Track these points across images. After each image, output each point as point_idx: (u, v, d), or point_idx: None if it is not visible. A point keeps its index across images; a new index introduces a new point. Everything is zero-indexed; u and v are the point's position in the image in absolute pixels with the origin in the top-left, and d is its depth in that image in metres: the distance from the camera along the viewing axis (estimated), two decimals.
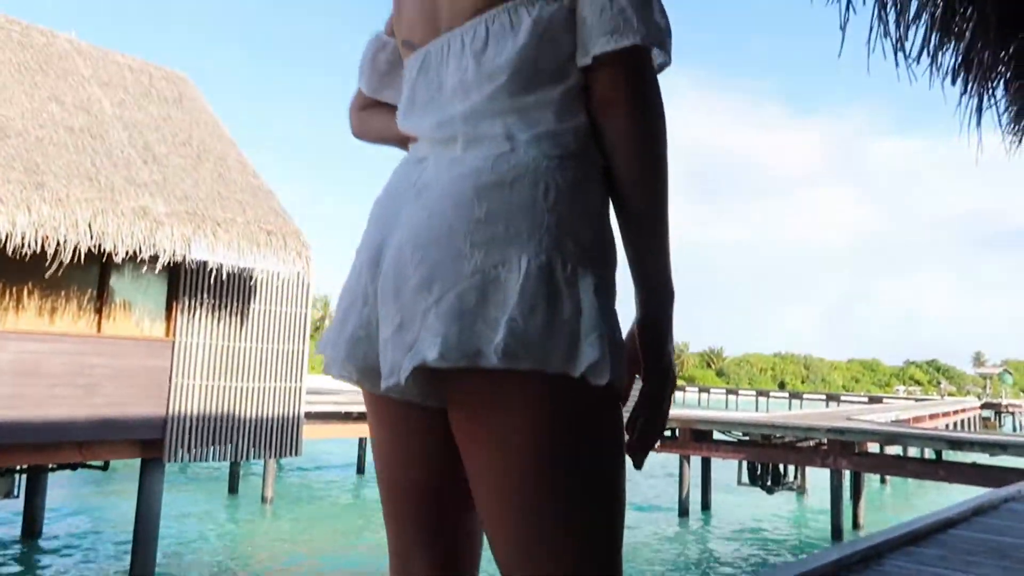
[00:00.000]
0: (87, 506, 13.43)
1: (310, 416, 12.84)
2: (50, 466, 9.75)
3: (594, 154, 0.94)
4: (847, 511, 14.51)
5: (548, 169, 0.91)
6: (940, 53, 2.46)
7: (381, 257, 0.96)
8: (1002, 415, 46.93)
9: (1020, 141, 3.13)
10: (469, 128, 0.95)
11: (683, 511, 15.48)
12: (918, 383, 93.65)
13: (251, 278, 9.46)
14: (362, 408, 17.23)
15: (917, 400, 44.18)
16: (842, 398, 55.97)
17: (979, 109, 2.70)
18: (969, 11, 2.42)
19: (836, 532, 14.09)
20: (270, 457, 10.70)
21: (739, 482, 15.77)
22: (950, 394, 69.85)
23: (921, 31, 2.33)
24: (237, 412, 9.85)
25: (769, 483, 15.48)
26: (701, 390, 69.77)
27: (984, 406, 45.88)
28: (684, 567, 11.95)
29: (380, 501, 1.10)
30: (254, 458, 10.37)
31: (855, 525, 14.91)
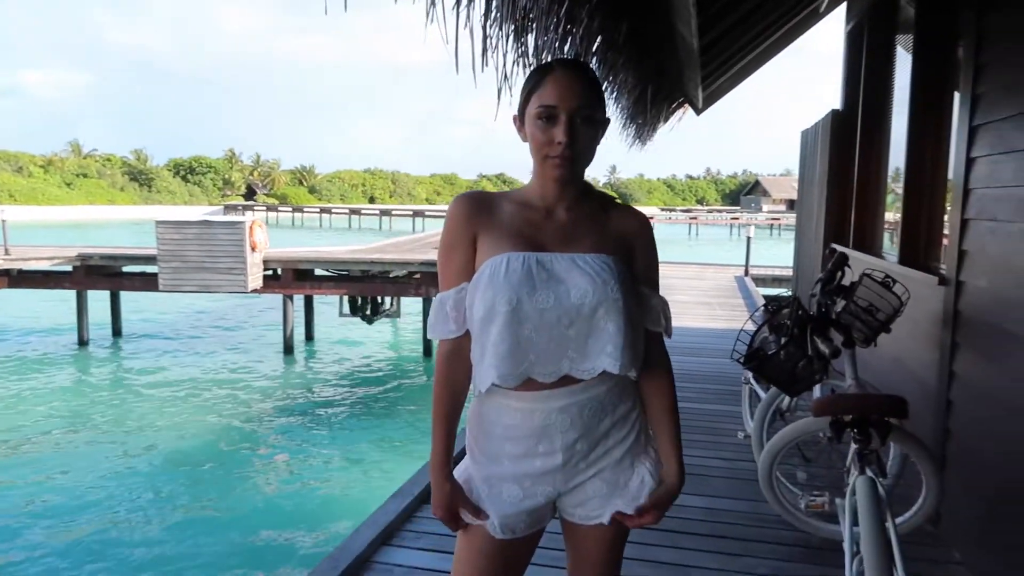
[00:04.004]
0: None
1: None
2: None
3: None
4: None
5: None
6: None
7: None
8: None
9: None
10: None
11: (288, 349, 15.95)
12: None
13: None
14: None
15: None
16: (427, 212, 60.59)
17: None
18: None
19: (427, 350, 15.94)
20: None
21: (340, 314, 16.63)
22: None
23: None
24: None
25: (369, 313, 16.61)
26: (295, 210, 69.34)
27: None
28: (290, 400, 12.55)
29: None
30: None
31: None
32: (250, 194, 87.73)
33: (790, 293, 3.41)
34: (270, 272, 15.24)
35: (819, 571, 2.96)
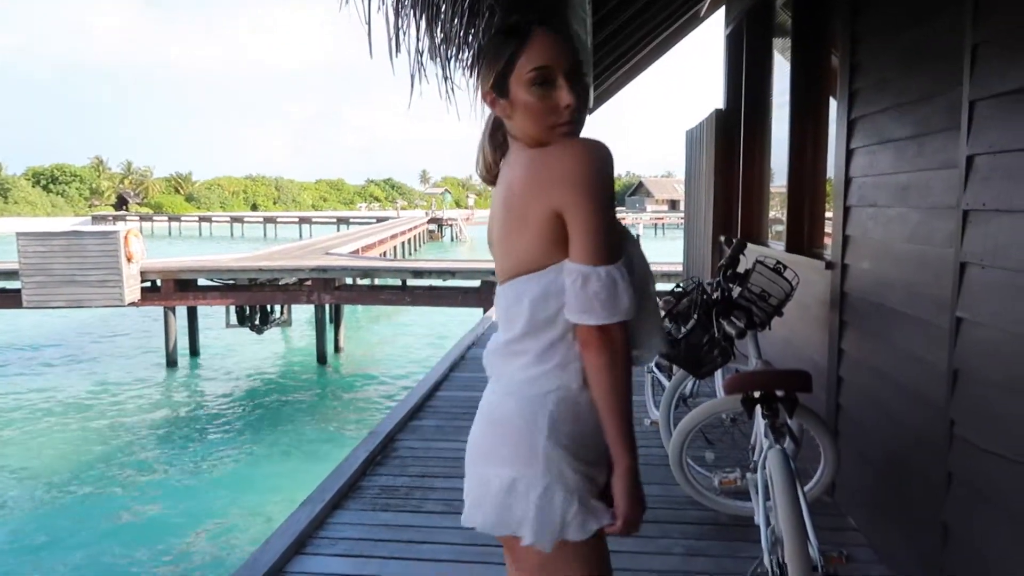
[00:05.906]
0: None
1: None
2: None
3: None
4: (329, 339, 16.00)
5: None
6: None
7: None
8: (443, 227, 55.90)
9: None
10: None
11: (171, 363, 15.16)
12: (377, 199, 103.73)
13: None
14: None
15: (379, 219, 49.35)
16: (313, 219, 59.16)
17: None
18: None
19: (321, 358, 15.52)
20: None
21: (227, 325, 15.97)
22: (404, 208, 79.54)
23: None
24: None
25: (258, 322, 16.02)
26: (171, 219, 66.00)
27: (431, 220, 53.86)
28: (176, 416, 11.93)
29: None
30: None
31: (336, 349, 16.59)
32: (121, 204, 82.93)
33: (685, 284, 3.52)
34: (148, 284, 14.46)
35: (730, 546, 3.07)
